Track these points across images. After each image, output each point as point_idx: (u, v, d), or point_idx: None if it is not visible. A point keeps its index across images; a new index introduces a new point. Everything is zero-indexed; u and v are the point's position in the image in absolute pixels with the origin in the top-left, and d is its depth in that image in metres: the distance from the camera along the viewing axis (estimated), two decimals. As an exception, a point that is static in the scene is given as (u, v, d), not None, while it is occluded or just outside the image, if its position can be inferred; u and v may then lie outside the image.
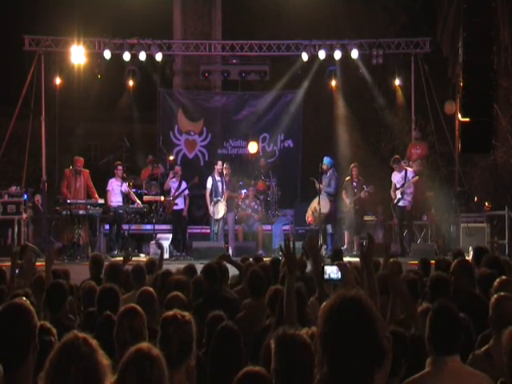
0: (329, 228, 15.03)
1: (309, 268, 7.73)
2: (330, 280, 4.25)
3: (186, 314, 3.81)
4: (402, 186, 14.73)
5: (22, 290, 5.61)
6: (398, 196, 14.76)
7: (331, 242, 14.86)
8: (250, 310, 5.92)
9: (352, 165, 15.37)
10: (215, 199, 15.08)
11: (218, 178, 15.24)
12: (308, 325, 3.55)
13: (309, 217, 15.27)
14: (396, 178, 14.94)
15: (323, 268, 4.35)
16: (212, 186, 15.17)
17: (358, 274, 5.62)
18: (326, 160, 15.09)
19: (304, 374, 3.01)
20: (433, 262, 8.23)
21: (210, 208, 15.08)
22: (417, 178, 14.84)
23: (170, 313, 3.78)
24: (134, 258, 13.67)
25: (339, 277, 4.07)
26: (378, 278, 6.05)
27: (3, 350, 3.00)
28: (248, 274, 6.49)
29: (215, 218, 15.05)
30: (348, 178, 15.27)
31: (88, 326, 5.36)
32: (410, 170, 15.00)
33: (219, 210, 15.05)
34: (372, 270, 4.20)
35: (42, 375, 2.64)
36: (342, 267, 4.01)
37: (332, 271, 4.18)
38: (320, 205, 14.75)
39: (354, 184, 15.14)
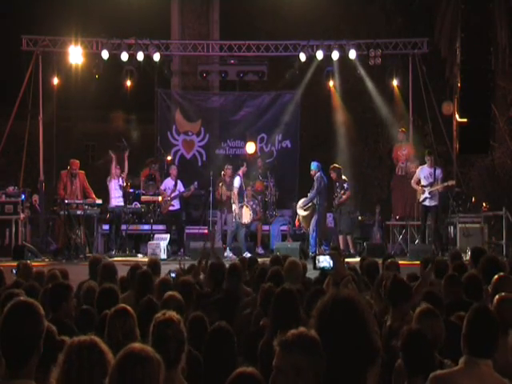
0: (309, 230, 14.74)
1: (309, 271, 7.75)
2: (323, 268, 4.35)
3: (175, 314, 3.82)
4: (431, 184, 14.21)
5: (19, 290, 5.60)
6: (426, 195, 14.23)
7: (314, 243, 14.47)
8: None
9: (330, 167, 14.95)
10: (242, 203, 15.03)
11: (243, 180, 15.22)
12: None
13: (296, 221, 15.39)
14: (424, 172, 14.38)
15: (315, 257, 4.42)
16: (239, 185, 15.07)
17: (354, 275, 5.64)
18: (313, 165, 14.85)
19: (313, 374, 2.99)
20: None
21: (236, 209, 15.00)
22: (453, 182, 14.40)
23: (164, 316, 3.77)
24: (131, 259, 13.83)
25: (331, 266, 4.15)
26: (378, 282, 6.07)
27: (10, 348, 3.01)
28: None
29: (240, 221, 14.94)
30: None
31: (84, 323, 5.38)
32: (439, 169, 14.51)
33: (243, 215, 14.99)
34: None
35: (55, 372, 2.73)
36: (334, 256, 4.05)
37: (325, 260, 4.27)
38: (298, 208, 14.91)
39: (337, 186, 14.86)
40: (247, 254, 13.27)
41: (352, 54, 16.59)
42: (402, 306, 5.20)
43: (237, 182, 15.10)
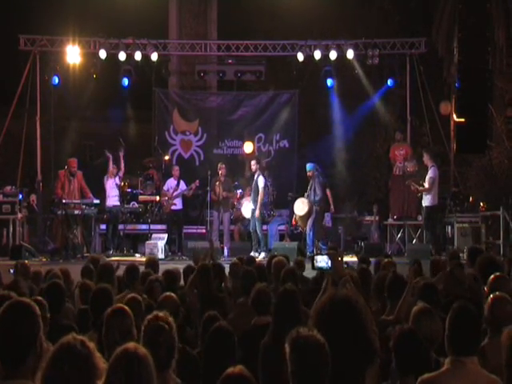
0: (306, 229, 14.74)
1: (307, 270, 7.76)
2: (320, 268, 4.34)
3: (168, 317, 3.80)
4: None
5: (7, 292, 5.59)
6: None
7: (311, 242, 14.48)
8: (242, 310, 5.92)
9: None
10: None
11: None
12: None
13: (293, 220, 15.38)
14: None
15: (313, 257, 4.42)
16: (264, 185, 14.90)
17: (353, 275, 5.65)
18: (309, 166, 14.84)
19: (322, 374, 2.99)
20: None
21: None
22: (422, 188, 14.23)
23: (155, 321, 3.75)
24: (129, 258, 13.82)
25: (329, 266, 4.14)
26: (376, 282, 6.09)
27: (6, 348, 3.01)
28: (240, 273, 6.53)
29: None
30: None
31: (82, 323, 5.38)
32: (433, 169, 14.30)
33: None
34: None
35: (39, 375, 2.67)
36: (332, 256, 4.04)
37: (323, 260, 4.27)
38: (295, 208, 14.88)
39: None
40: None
41: (350, 54, 16.60)
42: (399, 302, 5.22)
43: (261, 181, 14.88)
